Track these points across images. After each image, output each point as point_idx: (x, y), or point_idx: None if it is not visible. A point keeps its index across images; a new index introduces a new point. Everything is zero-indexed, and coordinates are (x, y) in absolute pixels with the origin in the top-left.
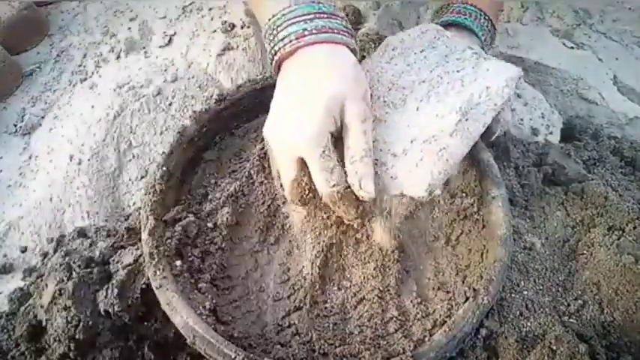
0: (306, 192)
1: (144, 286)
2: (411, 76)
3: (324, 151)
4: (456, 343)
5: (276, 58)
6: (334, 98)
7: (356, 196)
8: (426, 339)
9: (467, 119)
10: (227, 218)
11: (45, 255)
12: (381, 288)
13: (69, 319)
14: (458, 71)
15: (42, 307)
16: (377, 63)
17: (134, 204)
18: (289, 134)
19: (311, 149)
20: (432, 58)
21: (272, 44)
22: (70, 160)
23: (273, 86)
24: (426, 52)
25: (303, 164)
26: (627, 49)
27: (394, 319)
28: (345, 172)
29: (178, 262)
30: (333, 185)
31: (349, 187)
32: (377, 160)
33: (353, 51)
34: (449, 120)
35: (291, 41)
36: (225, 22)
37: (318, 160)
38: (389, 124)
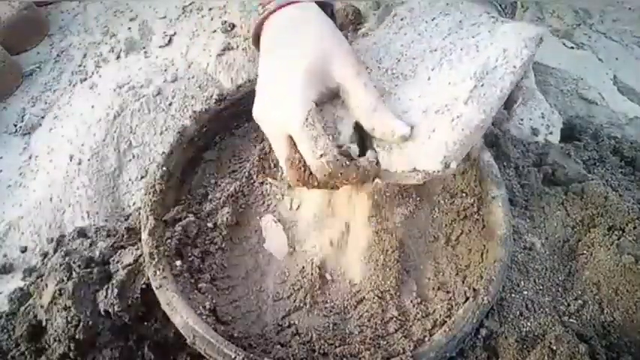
0: (302, 170)
1: (144, 286)
2: (421, 45)
3: (307, 120)
4: (456, 343)
5: (251, 34)
6: (313, 64)
7: (348, 161)
8: (426, 339)
9: (482, 85)
10: (227, 218)
11: (45, 255)
12: (381, 288)
13: (69, 319)
14: (473, 37)
15: (42, 307)
16: (384, 34)
17: (134, 204)
18: (272, 112)
19: (292, 122)
20: (445, 25)
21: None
22: (70, 160)
23: None
24: (437, 19)
25: (293, 141)
26: (627, 49)
27: (394, 319)
28: (333, 141)
29: (178, 262)
30: (320, 155)
31: (337, 156)
32: None
33: (324, 5)
34: (463, 87)
35: (258, 12)
36: (225, 22)
37: (301, 132)
38: (399, 96)
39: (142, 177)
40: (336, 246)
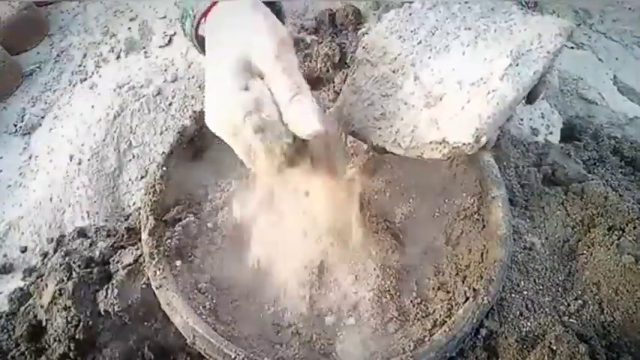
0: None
1: (144, 286)
2: (455, 23)
3: (245, 116)
4: (456, 343)
5: (194, 42)
6: (236, 58)
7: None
8: (426, 339)
9: (517, 64)
10: (227, 218)
11: (45, 255)
12: (381, 288)
13: (69, 319)
14: (506, 21)
15: (42, 307)
16: (419, 8)
17: (134, 204)
18: (215, 115)
19: (233, 121)
20: (477, 9)
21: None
22: (70, 160)
23: None
24: (470, 2)
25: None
26: (627, 49)
27: (394, 319)
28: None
29: (178, 262)
30: (270, 141)
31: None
32: (414, 105)
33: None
34: (499, 64)
35: (194, 16)
36: None
37: (243, 127)
38: (432, 67)
39: (142, 177)
40: (336, 246)
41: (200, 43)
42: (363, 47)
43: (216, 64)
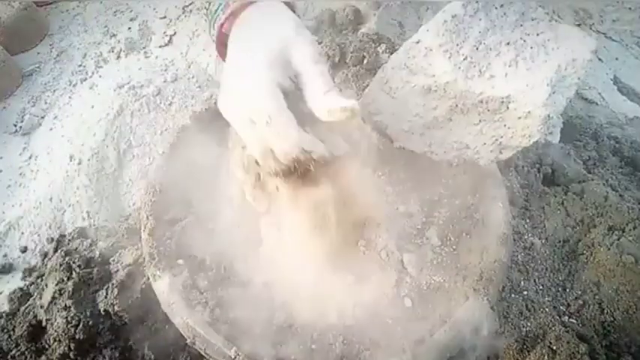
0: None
1: (144, 286)
2: (496, 36)
3: (278, 108)
4: (456, 343)
5: (214, 38)
6: (274, 52)
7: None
8: (426, 339)
9: (554, 92)
10: (227, 218)
11: (45, 255)
12: (381, 288)
13: (69, 319)
14: (538, 34)
15: (42, 307)
16: (462, 15)
17: (134, 204)
18: (238, 101)
19: (261, 109)
20: (512, 16)
21: (210, 26)
22: (70, 160)
23: None
24: (505, 8)
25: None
26: (627, 49)
27: (394, 318)
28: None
29: (179, 262)
30: (289, 141)
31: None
32: (455, 120)
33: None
34: (540, 91)
35: (224, 12)
36: None
37: (276, 118)
38: (476, 87)
39: (142, 177)
40: (335, 246)
41: (219, 40)
42: (406, 52)
43: (252, 53)
